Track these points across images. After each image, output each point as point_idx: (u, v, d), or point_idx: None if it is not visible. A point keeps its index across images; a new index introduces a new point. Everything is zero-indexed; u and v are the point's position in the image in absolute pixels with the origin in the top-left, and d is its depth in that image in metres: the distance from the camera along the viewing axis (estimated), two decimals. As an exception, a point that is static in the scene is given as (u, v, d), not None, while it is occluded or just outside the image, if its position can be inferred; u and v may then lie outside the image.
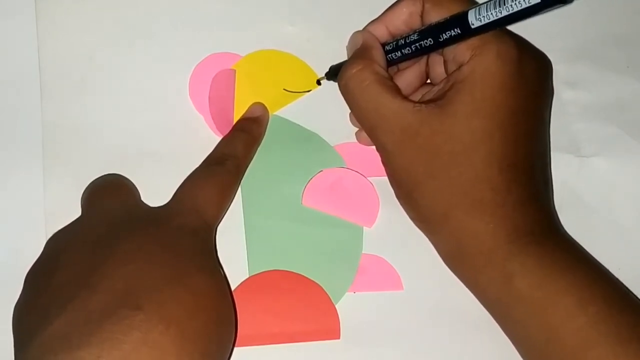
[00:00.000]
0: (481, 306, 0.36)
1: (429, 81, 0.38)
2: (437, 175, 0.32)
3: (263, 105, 0.38)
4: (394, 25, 0.35)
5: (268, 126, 0.38)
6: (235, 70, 0.39)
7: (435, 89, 0.35)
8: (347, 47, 0.36)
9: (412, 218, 0.35)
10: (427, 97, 0.35)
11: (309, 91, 0.39)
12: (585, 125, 0.40)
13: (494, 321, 0.35)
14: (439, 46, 0.33)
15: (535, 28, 0.40)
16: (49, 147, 0.37)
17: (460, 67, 0.32)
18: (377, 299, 0.36)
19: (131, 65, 0.38)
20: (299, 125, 0.38)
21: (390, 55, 0.35)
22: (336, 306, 0.36)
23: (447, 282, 0.36)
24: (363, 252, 0.37)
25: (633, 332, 0.31)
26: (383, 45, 0.35)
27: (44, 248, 0.32)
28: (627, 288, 0.34)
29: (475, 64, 0.32)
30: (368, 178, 0.38)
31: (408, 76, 0.37)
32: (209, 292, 0.29)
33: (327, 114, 0.38)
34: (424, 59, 0.37)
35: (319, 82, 0.39)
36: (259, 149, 0.37)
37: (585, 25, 0.42)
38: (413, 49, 0.34)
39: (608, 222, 0.35)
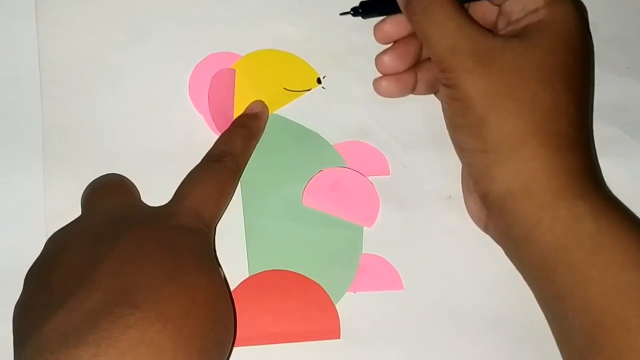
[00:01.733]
0: (482, 306, 0.36)
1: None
2: (517, 98, 0.32)
3: (263, 102, 0.38)
4: None
5: (268, 125, 0.38)
6: (235, 70, 0.39)
7: (501, 34, 0.35)
8: None
9: (473, 150, 0.33)
10: None
11: (309, 90, 0.39)
12: (585, 125, 0.40)
13: (494, 321, 0.35)
14: None
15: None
16: (49, 147, 0.37)
17: (535, 10, 0.33)
18: (377, 299, 0.36)
19: (131, 65, 0.38)
20: (299, 124, 0.38)
21: None
22: (336, 306, 0.36)
23: (447, 282, 0.37)
24: (363, 252, 0.37)
25: None
26: None
27: (44, 247, 0.32)
28: None
29: (553, 7, 0.33)
30: (368, 177, 0.38)
31: None
32: (207, 290, 0.29)
33: (327, 113, 0.38)
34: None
35: (319, 81, 0.39)
36: (258, 148, 0.37)
37: (585, 25, 0.42)
38: None
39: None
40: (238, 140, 0.36)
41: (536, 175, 0.31)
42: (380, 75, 0.37)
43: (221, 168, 0.35)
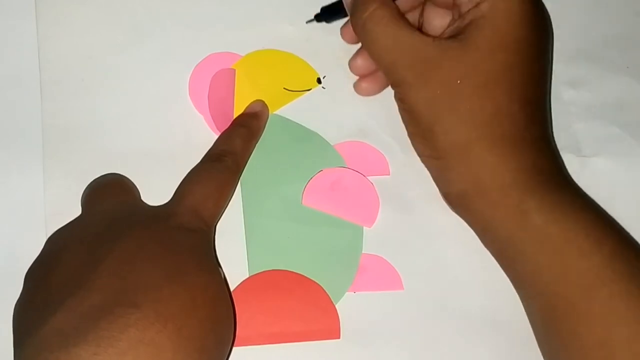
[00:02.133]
0: (481, 306, 0.36)
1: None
2: (459, 108, 0.32)
3: (263, 102, 0.38)
4: None
5: (268, 125, 0.38)
6: (235, 70, 0.39)
7: (450, 28, 0.35)
8: None
9: (427, 156, 0.35)
10: (444, 36, 0.35)
11: (309, 90, 0.39)
12: (585, 125, 0.40)
13: (494, 321, 0.35)
14: None
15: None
16: (49, 147, 0.37)
17: (478, 4, 0.33)
18: (377, 299, 0.36)
19: (131, 65, 0.38)
20: (299, 124, 0.38)
21: None
22: (336, 306, 0.35)
23: (447, 282, 0.37)
24: (363, 252, 0.37)
25: None
26: None
27: (44, 246, 0.32)
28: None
29: (495, 0, 0.32)
30: (368, 177, 0.38)
31: None
32: (207, 290, 0.29)
33: (327, 113, 0.38)
34: (418, 10, 0.37)
35: (319, 81, 0.39)
36: (258, 148, 0.37)
37: (585, 25, 0.42)
38: None
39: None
40: (238, 140, 0.36)
41: (484, 177, 0.33)
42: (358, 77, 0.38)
43: (221, 167, 0.35)
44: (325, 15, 0.38)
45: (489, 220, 0.33)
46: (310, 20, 0.39)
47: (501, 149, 0.32)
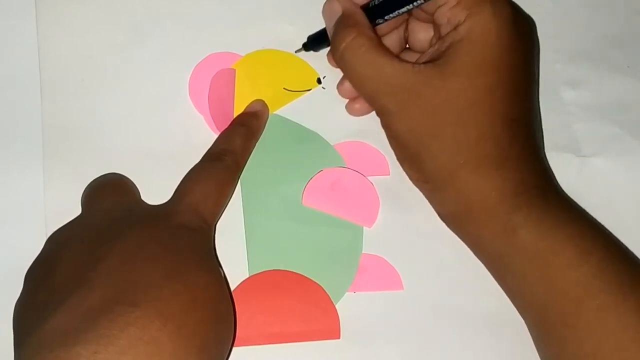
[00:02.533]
0: (481, 306, 0.36)
1: (407, 47, 0.38)
2: (441, 134, 0.33)
3: (263, 101, 0.38)
4: None
5: (268, 125, 0.38)
6: (235, 70, 0.39)
7: (431, 50, 0.35)
8: (324, 15, 0.36)
9: (416, 180, 0.35)
10: (423, 60, 0.35)
11: (309, 90, 0.39)
12: (585, 125, 0.40)
13: (494, 321, 0.35)
14: None
15: (536, 28, 0.40)
16: (49, 147, 0.37)
17: (456, 27, 0.33)
18: (377, 299, 0.36)
19: (131, 65, 0.38)
20: (299, 124, 0.38)
21: (372, 17, 0.35)
22: (336, 306, 0.35)
23: (447, 282, 0.37)
24: (363, 252, 0.37)
25: (634, 281, 0.31)
26: (362, 8, 0.35)
27: (44, 246, 0.32)
28: (622, 243, 0.34)
29: (473, 23, 0.32)
30: (368, 177, 0.38)
31: (388, 42, 0.37)
32: (207, 289, 0.29)
33: (327, 113, 0.38)
34: (403, 25, 0.37)
35: (319, 81, 0.39)
36: (258, 148, 0.37)
37: (585, 25, 0.42)
38: (398, 2, 0.34)
39: (608, 222, 0.35)
40: (238, 139, 0.36)
41: (472, 199, 0.33)
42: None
43: (221, 166, 0.35)
44: (312, 44, 0.38)
45: (479, 238, 0.34)
46: (299, 50, 0.39)
47: (487, 170, 0.33)
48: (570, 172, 0.39)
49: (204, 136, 0.37)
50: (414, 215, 0.37)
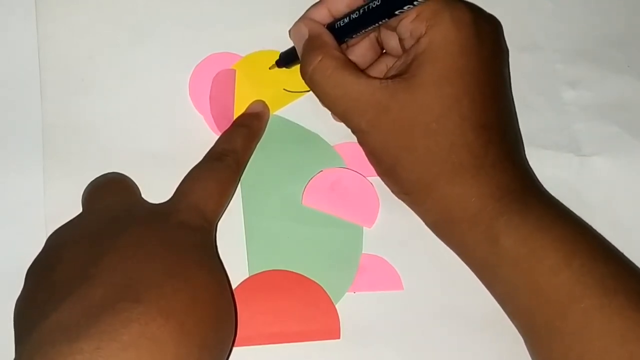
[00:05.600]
0: (481, 306, 0.36)
1: (384, 51, 0.38)
2: (414, 147, 0.33)
3: (264, 102, 0.38)
4: (335, 8, 0.35)
5: (268, 126, 0.38)
6: (235, 70, 0.39)
7: (397, 64, 0.35)
8: (292, 38, 0.36)
9: (397, 192, 0.36)
10: (391, 73, 0.35)
11: (309, 91, 0.39)
12: (585, 125, 0.40)
13: (494, 321, 0.35)
14: (387, 11, 0.33)
15: (536, 28, 0.40)
16: (49, 147, 0.37)
17: (418, 40, 0.33)
18: (377, 299, 0.36)
19: (131, 65, 0.38)
20: (299, 125, 0.38)
21: (339, 35, 0.35)
22: (336, 306, 0.36)
23: (447, 282, 0.37)
24: (363, 252, 0.37)
25: (618, 283, 0.31)
26: (329, 26, 0.35)
27: (45, 244, 0.32)
28: (609, 242, 0.34)
29: (433, 33, 0.32)
30: (368, 178, 0.38)
31: (361, 50, 0.37)
32: (209, 286, 0.29)
33: (327, 114, 0.38)
34: (376, 32, 0.37)
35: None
36: (259, 149, 0.37)
37: (585, 25, 0.42)
38: (362, 22, 0.34)
39: (608, 222, 0.35)
40: (239, 139, 0.36)
41: (451, 209, 0.33)
42: None
43: (222, 166, 0.35)
44: (284, 61, 0.38)
45: (464, 246, 0.34)
46: (272, 67, 0.39)
47: (463, 179, 0.33)
48: (570, 172, 0.39)
49: (204, 136, 0.37)
50: (414, 215, 0.37)
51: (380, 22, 0.33)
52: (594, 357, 0.30)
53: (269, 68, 0.39)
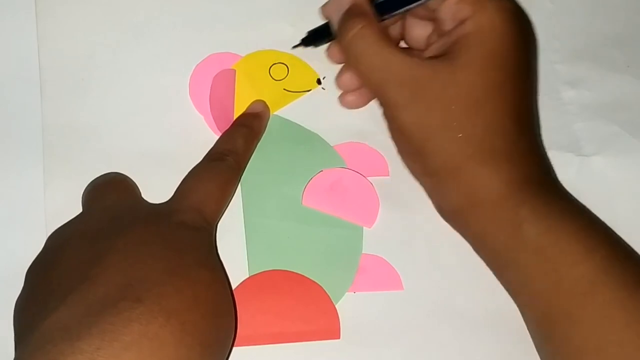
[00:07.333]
0: (481, 306, 0.36)
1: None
2: (451, 127, 0.33)
3: (264, 102, 0.38)
4: None
5: (268, 126, 0.38)
6: (235, 70, 0.39)
7: (434, 47, 0.35)
8: (326, 11, 0.36)
9: (419, 174, 0.35)
10: (427, 55, 0.35)
11: (309, 91, 0.39)
12: (585, 124, 0.40)
13: (494, 321, 0.35)
14: None
15: (536, 28, 0.40)
16: (49, 147, 0.37)
17: (462, 22, 0.33)
18: (377, 299, 0.36)
19: (131, 65, 0.38)
20: (299, 125, 0.38)
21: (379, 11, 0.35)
22: (336, 306, 0.35)
23: (447, 282, 0.37)
24: (363, 252, 0.37)
25: (638, 278, 0.31)
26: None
27: (45, 243, 0.32)
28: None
29: (479, 17, 0.32)
30: (368, 178, 0.38)
31: None
32: (209, 285, 0.29)
33: (327, 114, 0.38)
34: (399, 22, 0.37)
35: (319, 82, 0.39)
36: (259, 149, 0.37)
37: (585, 25, 0.42)
38: (406, 2, 0.34)
39: (608, 221, 0.35)
40: (239, 139, 0.36)
41: (478, 191, 0.33)
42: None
43: (222, 166, 0.35)
44: (313, 37, 0.38)
45: (483, 232, 0.34)
46: (297, 45, 0.38)
47: (494, 162, 0.33)
48: (571, 171, 0.39)
49: (204, 136, 0.37)
50: (414, 215, 0.37)
51: (422, 0, 0.33)
52: (612, 349, 0.30)
53: (292, 47, 0.38)
